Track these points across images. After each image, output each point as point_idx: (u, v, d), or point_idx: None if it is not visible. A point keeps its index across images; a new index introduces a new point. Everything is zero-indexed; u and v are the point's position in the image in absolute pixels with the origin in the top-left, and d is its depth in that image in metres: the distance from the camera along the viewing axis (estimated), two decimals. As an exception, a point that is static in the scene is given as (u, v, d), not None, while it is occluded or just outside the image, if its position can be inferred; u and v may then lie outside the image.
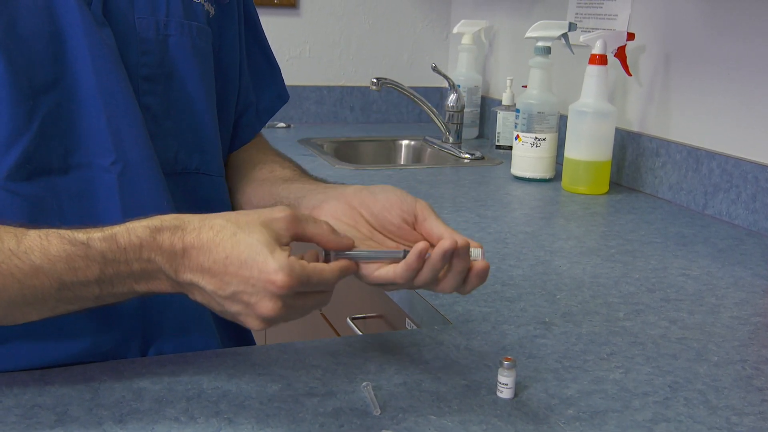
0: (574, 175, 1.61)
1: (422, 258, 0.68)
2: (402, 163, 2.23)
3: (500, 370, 0.74)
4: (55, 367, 0.75)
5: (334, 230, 0.70)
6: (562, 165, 1.65)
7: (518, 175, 1.71)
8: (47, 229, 0.65)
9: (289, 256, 0.64)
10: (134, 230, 0.66)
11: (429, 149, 2.15)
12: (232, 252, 0.64)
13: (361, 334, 1.23)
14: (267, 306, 0.64)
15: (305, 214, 0.69)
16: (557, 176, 1.71)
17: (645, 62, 1.66)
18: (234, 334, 0.93)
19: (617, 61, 1.65)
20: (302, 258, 0.67)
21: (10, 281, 0.64)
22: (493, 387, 0.75)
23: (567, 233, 1.32)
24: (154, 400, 0.70)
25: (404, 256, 0.69)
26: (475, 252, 0.70)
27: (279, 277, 0.63)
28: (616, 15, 1.73)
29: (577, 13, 1.86)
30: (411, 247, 0.69)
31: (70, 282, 0.65)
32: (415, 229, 0.73)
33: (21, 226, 0.66)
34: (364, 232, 0.74)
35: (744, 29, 1.42)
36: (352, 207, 0.76)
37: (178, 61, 0.82)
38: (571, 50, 1.72)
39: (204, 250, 0.65)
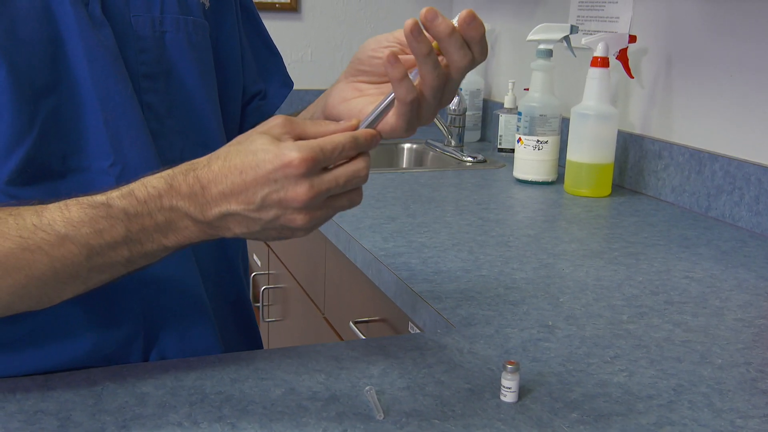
0: (577, 177, 1.60)
1: (394, 61, 0.64)
2: (404, 166, 2.23)
3: (504, 373, 0.73)
4: (57, 372, 0.75)
5: (332, 122, 0.68)
6: (564, 168, 1.65)
7: (520, 178, 1.71)
8: (65, 200, 0.66)
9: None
10: (149, 182, 0.66)
11: (431, 152, 2.15)
12: (243, 165, 0.63)
13: (363, 338, 1.23)
14: (297, 192, 0.62)
15: (301, 119, 0.68)
16: (560, 179, 1.71)
17: (647, 64, 1.66)
18: (239, 336, 0.93)
19: (619, 64, 1.64)
20: None
21: (39, 255, 0.64)
22: (496, 391, 0.75)
23: (570, 236, 1.32)
24: (157, 405, 0.70)
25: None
26: (456, 18, 0.64)
27: (292, 155, 0.62)
28: (618, 17, 1.73)
29: (578, 16, 1.86)
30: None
31: (98, 246, 0.65)
32: (407, 54, 0.68)
33: (40, 201, 0.66)
34: (373, 93, 0.72)
35: (746, 31, 1.42)
36: (349, 82, 0.74)
37: (176, 57, 0.82)
38: (573, 53, 1.72)
39: (220, 179, 0.64)
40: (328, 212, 0.65)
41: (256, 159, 0.63)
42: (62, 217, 0.65)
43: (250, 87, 0.96)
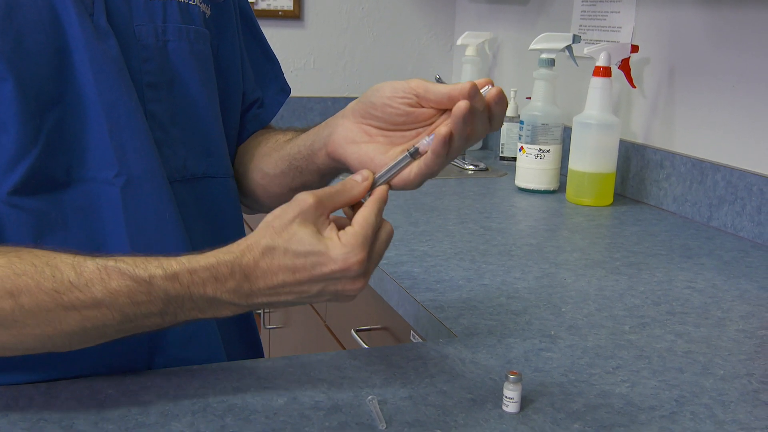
0: (579, 186, 1.61)
1: (448, 142, 0.68)
2: (406, 174, 2.23)
3: (506, 384, 0.73)
4: (61, 380, 0.75)
5: (352, 182, 0.71)
6: (566, 177, 1.65)
7: (522, 186, 1.71)
8: (104, 261, 0.66)
9: (337, 230, 0.67)
10: (196, 272, 0.67)
11: (433, 160, 2.15)
12: (295, 266, 0.66)
13: (365, 346, 1.23)
14: (356, 285, 0.67)
15: (325, 191, 0.69)
16: (561, 188, 1.71)
17: (649, 74, 1.66)
18: (241, 343, 0.93)
19: (621, 73, 1.65)
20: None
21: (72, 313, 0.65)
22: (498, 401, 0.75)
23: (572, 245, 1.32)
24: (159, 414, 0.70)
25: (413, 152, 0.70)
26: (485, 90, 0.69)
27: (355, 260, 0.66)
28: (620, 27, 1.73)
29: (581, 26, 1.87)
30: (418, 141, 0.71)
31: (133, 314, 0.67)
32: (423, 107, 0.72)
33: (76, 254, 0.67)
34: (382, 141, 0.74)
35: (748, 42, 1.42)
36: (359, 124, 0.75)
37: (179, 66, 0.82)
38: (575, 62, 1.73)
39: (269, 276, 0.67)
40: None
41: (310, 262, 0.66)
42: (101, 283, 0.65)
43: (249, 94, 0.96)
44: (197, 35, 0.84)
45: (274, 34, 2.35)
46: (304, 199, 0.67)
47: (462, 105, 0.66)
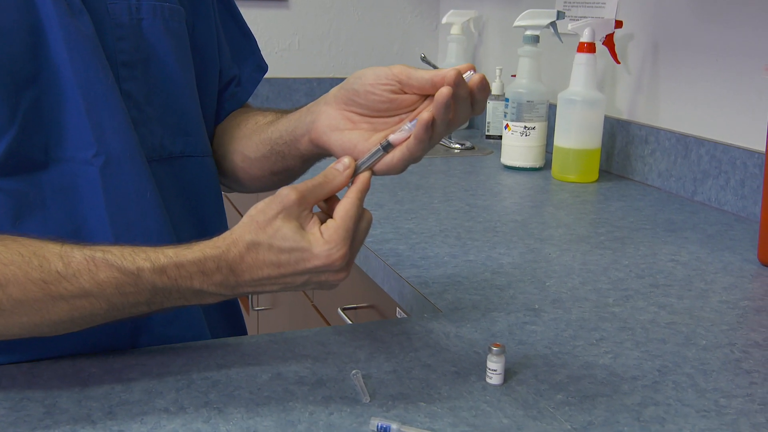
0: (564, 163, 1.61)
1: (430, 127, 0.68)
2: (392, 154, 2.22)
3: (489, 356, 0.74)
4: (43, 360, 0.75)
5: (334, 172, 0.71)
6: (551, 154, 1.65)
7: (508, 164, 1.71)
8: (91, 252, 0.66)
9: (319, 224, 0.68)
10: (183, 267, 0.67)
11: (419, 140, 2.15)
12: (279, 261, 0.67)
13: (351, 323, 1.23)
14: (339, 276, 0.69)
15: (307, 186, 0.69)
16: (547, 165, 1.71)
17: (633, 50, 1.66)
18: (224, 323, 0.93)
19: (606, 50, 1.65)
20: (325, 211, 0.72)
21: (60, 303, 0.66)
22: (482, 373, 0.75)
23: (557, 221, 1.32)
24: (143, 391, 0.70)
25: (386, 145, 0.71)
26: (467, 75, 0.69)
27: (337, 255, 0.67)
28: (604, 3, 1.73)
29: (565, 2, 1.86)
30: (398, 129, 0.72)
31: (120, 304, 0.67)
32: (406, 93, 0.72)
33: (63, 243, 0.67)
34: (365, 128, 0.74)
35: (731, 17, 1.42)
36: (342, 110, 0.75)
37: (154, 44, 0.81)
38: (560, 39, 1.72)
39: (254, 270, 0.68)
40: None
41: (293, 257, 0.67)
42: (89, 275, 0.66)
43: (226, 72, 0.95)
44: (172, 13, 0.83)
45: (258, 15, 2.34)
46: (287, 194, 0.68)
47: (444, 91, 0.67)
